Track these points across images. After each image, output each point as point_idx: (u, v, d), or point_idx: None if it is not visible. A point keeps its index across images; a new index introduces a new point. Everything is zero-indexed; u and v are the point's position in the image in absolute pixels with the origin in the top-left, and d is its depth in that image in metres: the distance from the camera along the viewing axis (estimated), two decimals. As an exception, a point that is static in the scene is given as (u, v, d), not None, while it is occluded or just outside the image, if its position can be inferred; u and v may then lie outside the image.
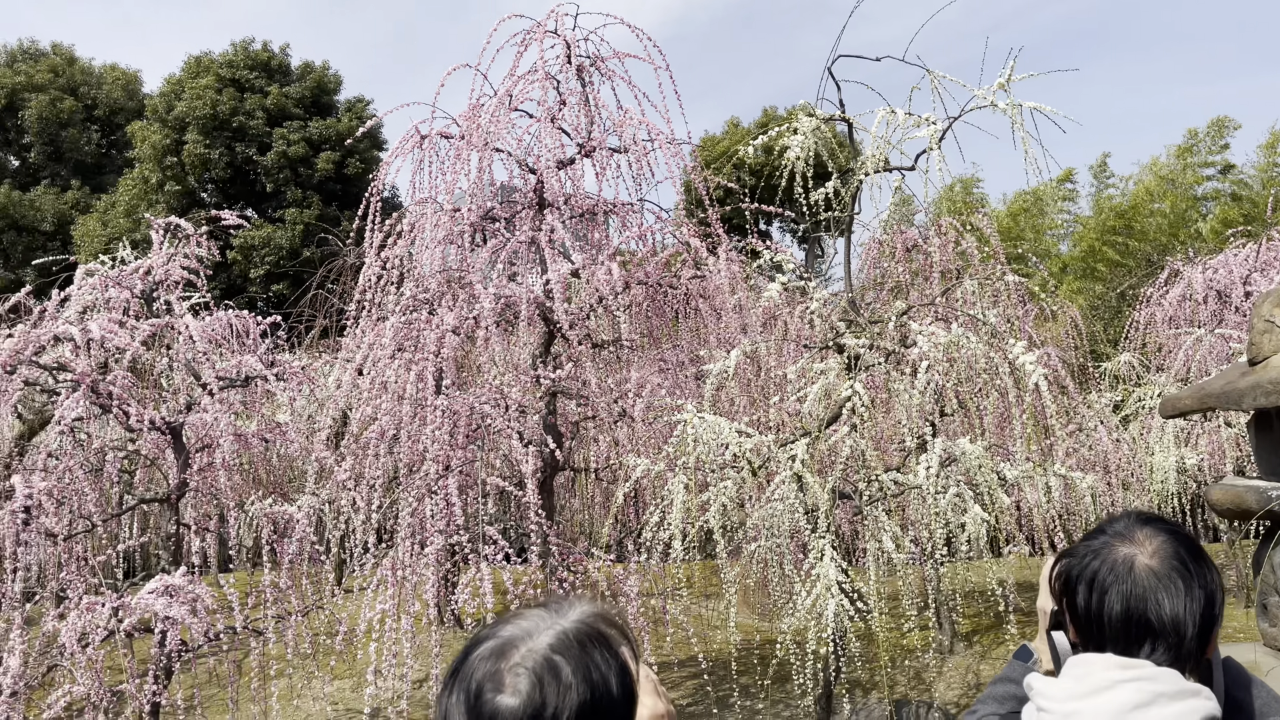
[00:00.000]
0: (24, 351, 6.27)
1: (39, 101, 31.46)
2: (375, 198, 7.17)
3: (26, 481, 6.05)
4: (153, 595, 5.65)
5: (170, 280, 7.68)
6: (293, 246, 26.51)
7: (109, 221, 27.44)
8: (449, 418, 6.10)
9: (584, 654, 1.16)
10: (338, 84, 30.03)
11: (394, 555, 5.93)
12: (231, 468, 6.97)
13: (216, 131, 27.65)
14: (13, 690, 5.49)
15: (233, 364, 7.15)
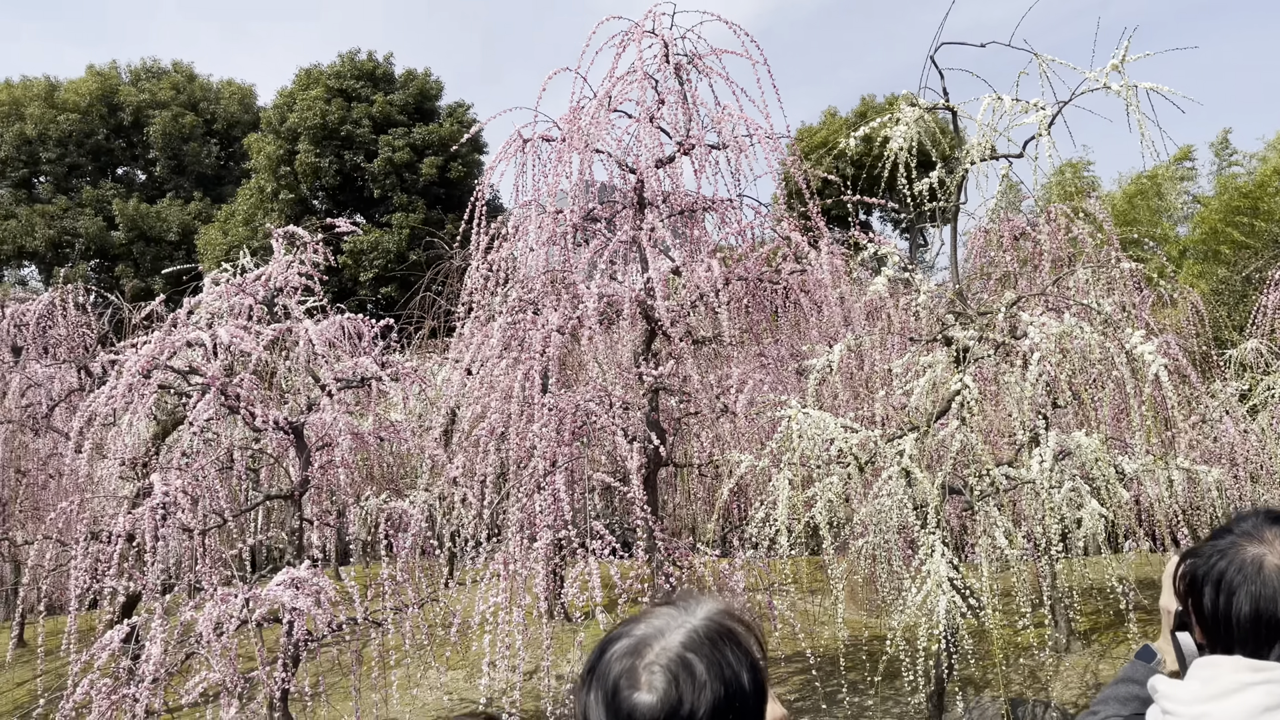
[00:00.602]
0: (159, 357, 6.66)
1: (162, 118, 33.15)
2: (480, 202, 7.34)
3: (164, 480, 6.43)
4: (280, 587, 5.94)
5: (289, 286, 8.03)
6: (400, 250, 27.31)
7: (229, 230, 28.76)
8: (555, 415, 6.23)
9: (715, 651, 1.19)
10: (439, 90, 30.78)
11: (504, 550, 6.09)
12: (349, 465, 7.26)
13: (326, 141, 28.68)
14: (154, 677, 5.83)
15: (349, 366, 7.45)
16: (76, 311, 12.23)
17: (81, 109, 32.98)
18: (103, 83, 33.76)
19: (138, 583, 6.41)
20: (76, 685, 5.71)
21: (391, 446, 9.63)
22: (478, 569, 6.42)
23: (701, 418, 7.01)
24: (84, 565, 6.50)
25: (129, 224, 32.01)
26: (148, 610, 6.20)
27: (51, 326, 12.17)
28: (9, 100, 32.71)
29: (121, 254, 32.29)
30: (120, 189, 33.58)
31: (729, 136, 6.98)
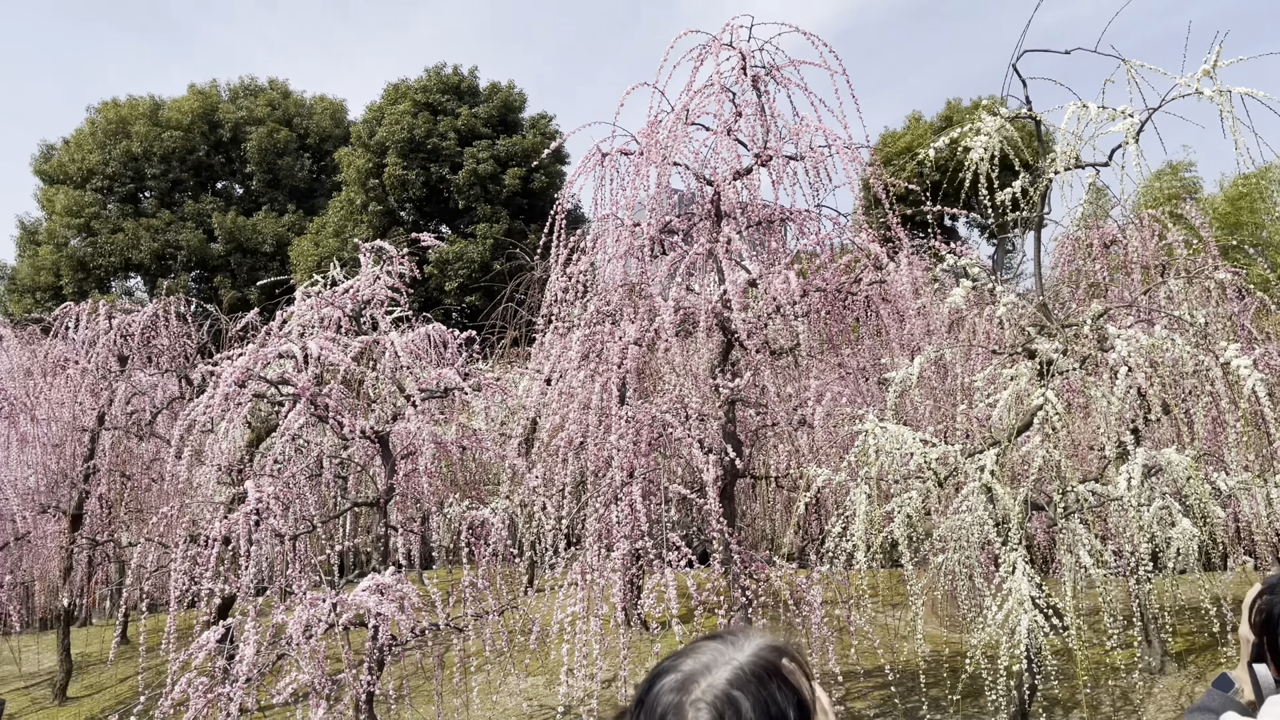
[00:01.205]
0: (254, 367, 6.93)
1: (259, 134, 34.39)
2: (560, 215, 7.46)
3: (258, 486, 6.68)
4: (366, 592, 6.12)
5: (376, 299, 8.27)
6: (483, 260, 27.81)
7: (320, 242, 29.66)
8: (633, 426, 6.29)
9: (762, 689, 1.20)
10: (522, 102, 31.27)
11: (582, 559, 6.16)
12: (433, 473, 7.44)
13: (413, 154, 29.38)
14: (248, 677, 6.07)
15: (433, 376, 7.63)
16: (178, 322, 12.79)
17: (184, 126, 34.42)
18: (203, 101, 35.18)
19: (232, 585, 6.67)
20: (175, 683, 5.97)
21: (473, 455, 9.83)
22: (556, 577, 6.51)
23: (779, 430, 6.99)
24: (183, 567, 6.80)
25: (227, 236, 33.27)
26: (242, 612, 6.45)
27: (155, 336, 12.74)
28: (116, 119, 34.33)
29: (220, 265, 33.58)
30: (219, 203, 34.93)
31: (807, 147, 6.96)
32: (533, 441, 8.37)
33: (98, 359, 12.15)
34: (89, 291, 30.16)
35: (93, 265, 32.90)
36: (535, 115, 31.42)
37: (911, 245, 7.05)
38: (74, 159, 34.08)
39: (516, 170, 29.09)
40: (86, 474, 12.09)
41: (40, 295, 31.87)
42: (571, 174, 7.59)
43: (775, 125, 7.15)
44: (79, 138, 34.74)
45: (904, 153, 26.90)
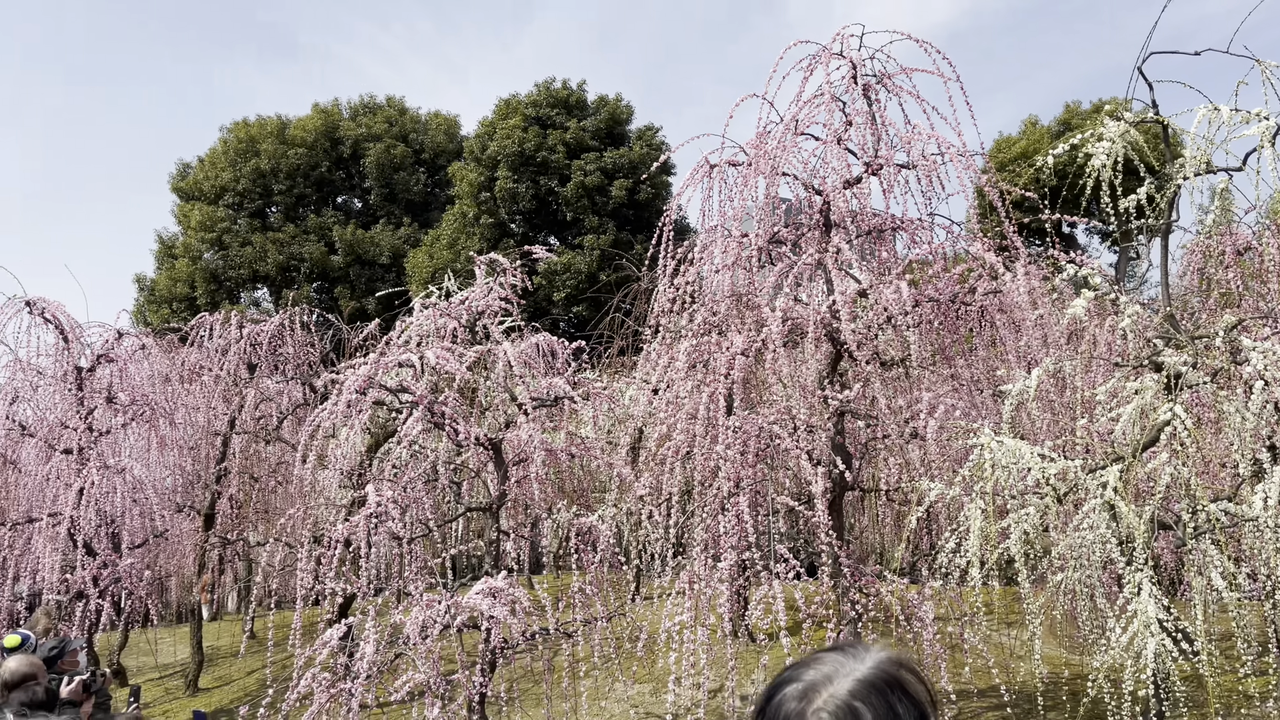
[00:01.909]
0: (375, 376, 7.21)
1: (377, 149, 35.68)
2: (667, 226, 7.52)
3: (378, 490, 6.95)
4: (480, 595, 6.29)
5: (490, 310, 8.50)
6: (590, 271, 28.17)
7: (434, 254, 30.54)
8: (740, 437, 6.29)
9: (884, 701, 1.21)
10: (629, 114, 31.59)
11: (690, 568, 6.20)
12: (543, 480, 7.60)
13: (523, 167, 30.02)
14: (367, 674, 6.30)
15: (543, 385, 7.80)
16: (302, 331, 13.37)
17: (308, 144, 35.99)
18: (326, 119, 36.72)
19: (353, 585, 6.94)
20: (300, 678, 6.24)
21: (581, 462, 9.98)
22: (663, 585, 6.55)
23: (889, 442, 6.89)
24: (308, 567, 7.11)
25: (347, 249, 34.61)
26: (362, 611, 6.70)
27: (281, 345, 13.35)
28: (246, 138, 36.14)
29: (340, 276, 34.94)
30: (340, 216, 36.38)
31: (919, 155, 6.86)
32: (639, 450, 8.46)
33: (229, 367, 12.81)
34: (220, 302, 31.75)
35: (224, 277, 34.66)
36: (642, 127, 31.71)
37: (1029, 254, 6.86)
38: (208, 176, 36.02)
39: (623, 182, 29.40)
40: (218, 476, 12.75)
41: (176, 305, 33.72)
42: (679, 185, 7.66)
43: (886, 133, 7.07)
44: (212, 156, 36.69)
45: (1019, 158, 26.12)
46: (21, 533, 10.46)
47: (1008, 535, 5.22)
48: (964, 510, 5.21)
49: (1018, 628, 9.30)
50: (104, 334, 11.07)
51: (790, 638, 5.62)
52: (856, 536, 9.70)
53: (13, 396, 10.65)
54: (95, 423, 10.57)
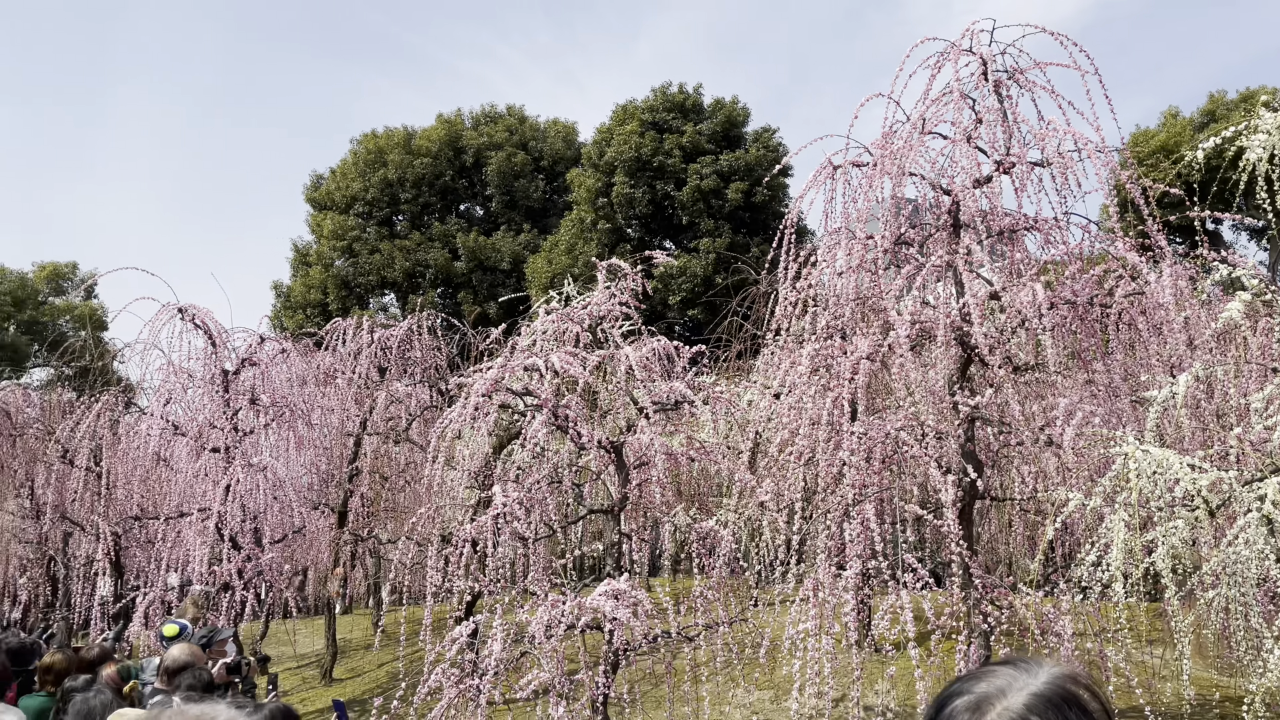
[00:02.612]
0: (502, 379, 7.38)
1: (498, 158, 36.56)
2: (789, 229, 7.44)
3: (504, 491, 7.11)
4: (603, 597, 6.36)
5: (610, 315, 8.60)
6: (706, 274, 28.15)
7: (553, 259, 31.08)
8: (864, 443, 6.18)
9: (1060, 716, 1.18)
10: (745, 116, 31.46)
11: (814, 575, 6.12)
12: (664, 483, 7.63)
13: (640, 172, 30.25)
14: (495, 671, 6.45)
15: (664, 389, 7.83)
16: (429, 336, 13.80)
17: (432, 153, 37.16)
18: (449, 129, 37.84)
19: (481, 583, 7.12)
20: (431, 672, 6.44)
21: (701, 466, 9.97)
22: (785, 592, 6.49)
23: (1023, 450, 6.65)
24: (437, 565, 7.32)
25: (469, 255, 35.57)
26: (489, 609, 6.86)
27: (409, 349, 13.82)
28: (375, 149, 37.55)
29: (463, 282, 35.94)
30: (462, 224, 37.42)
31: (1053, 152, 6.60)
32: (758, 455, 8.40)
33: (361, 370, 13.33)
34: (350, 308, 33.07)
35: (354, 283, 36.08)
36: (759, 129, 31.54)
37: (1173, 252, 6.52)
38: (339, 187, 37.56)
39: (739, 184, 29.29)
40: (350, 475, 13.28)
41: (310, 311, 35.27)
42: (799, 188, 7.58)
43: (1019, 130, 6.83)
44: (343, 167, 38.25)
45: (1158, 152, 24.87)
46: (173, 526, 11.12)
47: (1153, 549, 4.97)
48: (1105, 522, 4.98)
49: (1162, 646, 8.84)
50: (247, 339, 11.67)
51: (918, 649, 5.49)
52: (985, 547, 9.39)
53: (166, 398, 11.33)
54: (240, 423, 11.15)
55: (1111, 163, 6.51)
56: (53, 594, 13.80)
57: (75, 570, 13.08)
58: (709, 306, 27.14)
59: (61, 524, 13.01)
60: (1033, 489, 6.67)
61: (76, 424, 12.16)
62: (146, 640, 9.73)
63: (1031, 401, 6.74)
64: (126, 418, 12.84)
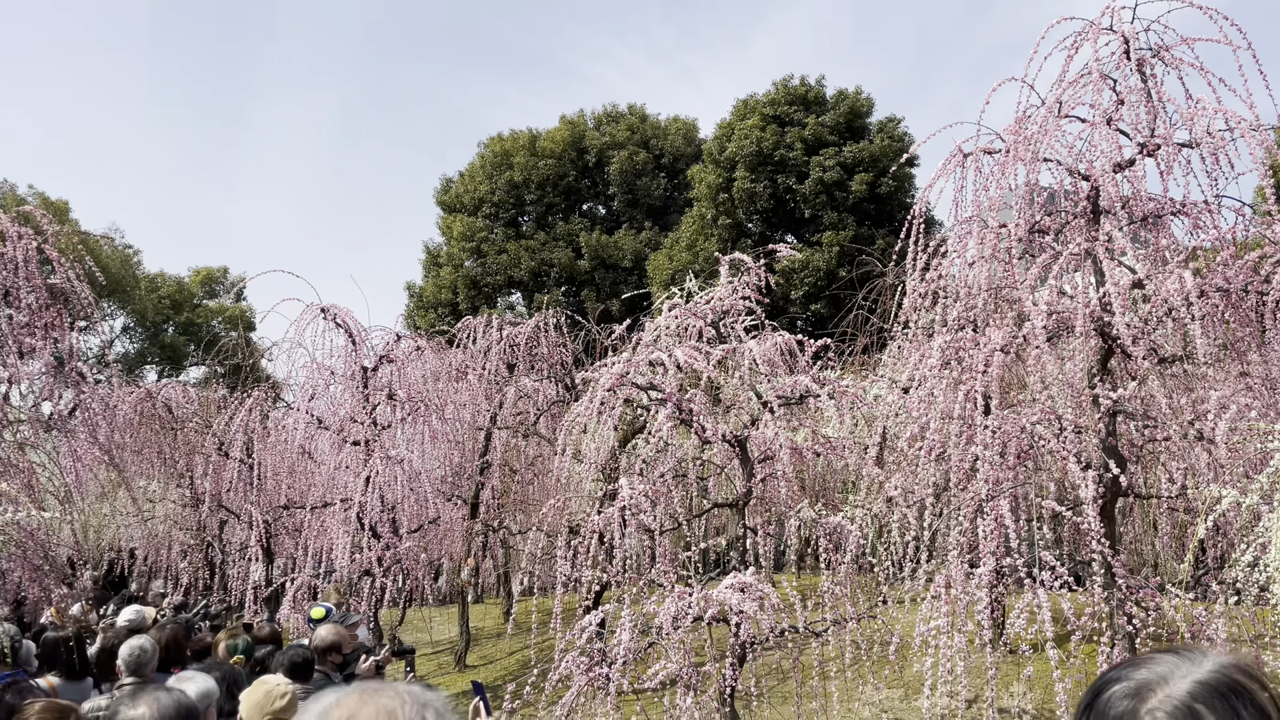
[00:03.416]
0: (628, 374, 7.49)
1: (620, 157, 36.93)
2: (918, 219, 7.30)
3: (630, 484, 7.22)
4: (729, 589, 6.38)
5: (734, 310, 8.61)
6: (829, 268, 27.76)
7: (674, 256, 31.20)
8: (999, 437, 6.01)
9: (1228, 706, 1.15)
10: (869, 107, 30.85)
11: (945, 572, 6.00)
12: (789, 478, 7.60)
13: (760, 166, 30.04)
14: (624, 660, 6.56)
15: (788, 383, 7.80)
16: (555, 333, 14.09)
17: (556, 155, 37.84)
18: (572, 130, 38.45)
19: (610, 574, 7.25)
20: (561, 660, 6.60)
21: (825, 461, 9.88)
22: (916, 589, 6.38)
23: (1170, 445, 6.35)
24: (566, 555, 7.49)
25: (592, 253, 36.07)
26: (617, 599, 6.98)
27: (536, 346, 14.14)
28: (500, 152, 38.49)
29: (586, 280, 36.48)
30: (585, 223, 37.97)
31: (1202, 132, 6.26)
32: (885, 449, 8.26)
33: (491, 367, 13.73)
34: (479, 307, 34.02)
35: (482, 283, 37.08)
36: (883, 119, 30.89)
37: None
38: (467, 189, 38.66)
39: (863, 176, 28.76)
40: (481, 468, 13.69)
41: (441, 310, 36.44)
42: (928, 177, 7.41)
43: (1164, 111, 6.51)
44: (471, 170, 39.35)
45: (1322, 128, 23.14)
46: (318, 515, 11.71)
47: (1317, 550, 4.67)
48: (1262, 521, 4.71)
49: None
50: (384, 337, 12.18)
51: (1057, 650, 5.31)
52: (1128, 546, 8.98)
53: (311, 394, 11.94)
54: (378, 417, 11.65)
55: (1267, 141, 6.13)
56: (210, 577, 14.72)
57: (230, 556, 13.93)
58: (832, 300, 26.74)
59: (218, 512, 13.87)
60: (1181, 486, 6.35)
61: (230, 418, 12.94)
62: (295, 622, 10.29)
63: (1179, 394, 6.42)
64: (275, 412, 13.59)
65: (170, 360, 39.82)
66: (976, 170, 7.05)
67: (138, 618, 8.00)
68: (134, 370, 37.68)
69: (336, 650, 5.57)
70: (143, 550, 15.78)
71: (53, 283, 7.67)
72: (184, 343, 39.80)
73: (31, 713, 3.54)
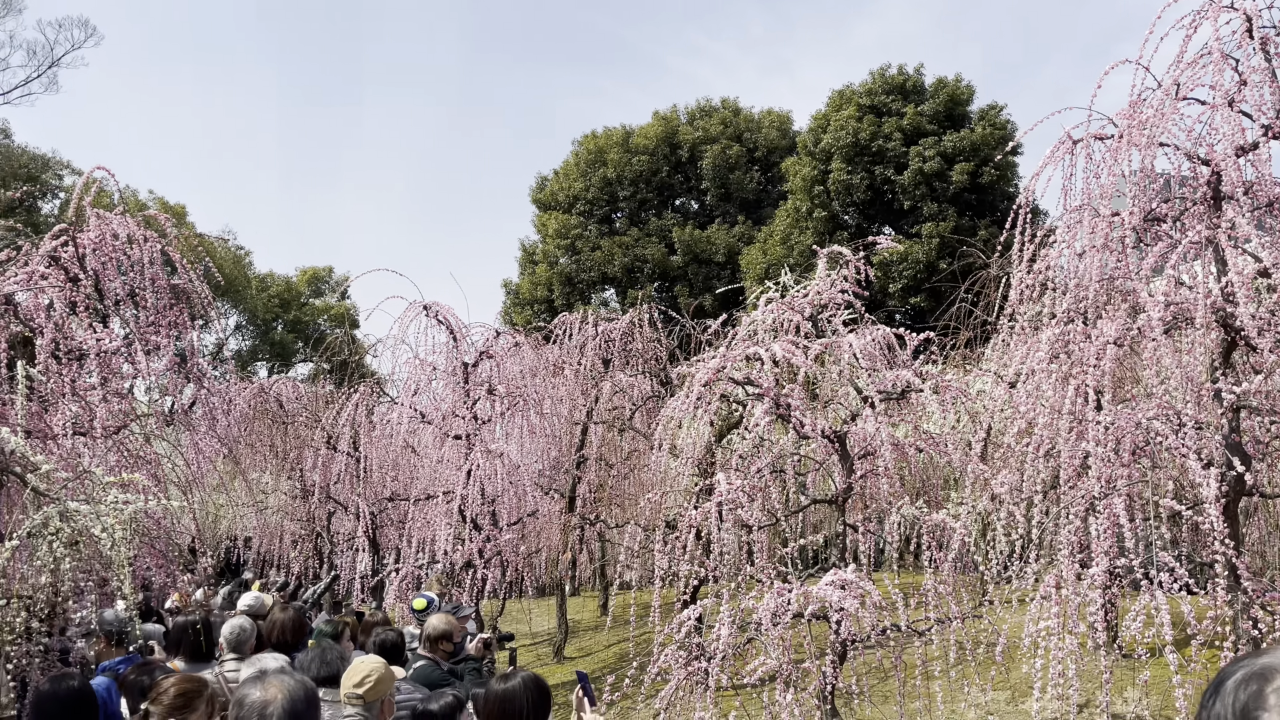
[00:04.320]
0: (723, 369, 7.48)
1: (713, 151, 36.83)
2: (1024, 208, 7.09)
3: (728, 479, 7.21)
4: (829, 586, 6.32)
5: (832, 303, 8.51)
6: (929, 260, 27.17)
7: (768, 250, 30.97)
8: (1112, 433, 5.81)
9: None
10: (970, 95, 30.06)
11: (1055, 572, 5.82)
12: (890, 474, 7.48)
13: (857, 158, 29.56)
14: (723, 655, 6.56)
15: (889, 377, 7.67)
16: (650, 329, 14.15)
17: (649, 150, 37.96)
18: (665, 125, 38.51)
19: (708, 569, 7.26)
20: (660, 654, 6.64)
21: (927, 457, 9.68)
22: (1023, 589, 6.21)
23: (1299, 442, 6.03)
24: (664, 550, 7.52)
25: (685, 249, 36.08)
26: (715, 594, 6.99)
27: (631, 342, 14.24)
28: (595, 149, 38.81)
29: (678, 275, 36.52)
30: (678, 218, 38.00)
31: (1337, 110, 5.92)
32: (989, 445, 8.05)
33: (587, 362, 13.88)
34: (573, 303, 34.39)
35: (576, 280, 37.48)
36: (984, 107, 30.06)
37: None
38: (561, 187, 39.11)
39: (964, 165, 28.03)
40: (578, 462, 13.85)
41: (537, 307, 36.98)
42: (1036, 165, 7.19)
43: (1292, 89, 6.17)
44: (565, 168, 39.79)
45: None
46: (421, 508, 12.03)
47: None
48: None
49: None
50: (484, 333, 12.43)
51: (1176, 655, 5.11)
52: (1253, 548, 8.56)
53: (414, 389, 12.26)
54: (478, 412, 11.89)
55: None
56: (319, 566, 15.26)
57: (338, 546, 14.42)
58: (932, 293, 26.17)
59: (326, 503, 14.37)
60: (1312, 486, 6.03)
61: (338, 413, 13.38)
62: (400, 611, 10.59)
63: (1310, 389, 6.08)
64: (379, 407, 14.00)
65: (279, 357, 41.39)
66: (1087, 157, 6.82)
67: (256, 604, 8.37)
68: (246, 366, 39.31)
69: (448, 639, 5.72)
70: (256, 539, 16.47)
71: (175, 283, 8.05)
72: (292, 340, 41.33)
73: (169, 685, 3.74)
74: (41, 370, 6.74)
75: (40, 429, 6.71)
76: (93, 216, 7.68)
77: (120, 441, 7.58)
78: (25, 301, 7.30)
